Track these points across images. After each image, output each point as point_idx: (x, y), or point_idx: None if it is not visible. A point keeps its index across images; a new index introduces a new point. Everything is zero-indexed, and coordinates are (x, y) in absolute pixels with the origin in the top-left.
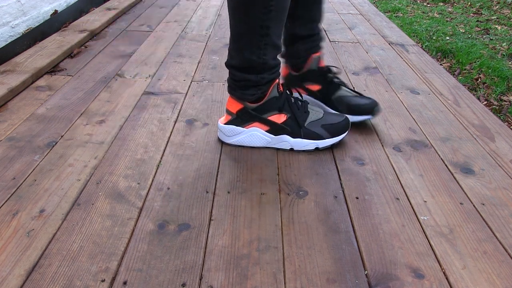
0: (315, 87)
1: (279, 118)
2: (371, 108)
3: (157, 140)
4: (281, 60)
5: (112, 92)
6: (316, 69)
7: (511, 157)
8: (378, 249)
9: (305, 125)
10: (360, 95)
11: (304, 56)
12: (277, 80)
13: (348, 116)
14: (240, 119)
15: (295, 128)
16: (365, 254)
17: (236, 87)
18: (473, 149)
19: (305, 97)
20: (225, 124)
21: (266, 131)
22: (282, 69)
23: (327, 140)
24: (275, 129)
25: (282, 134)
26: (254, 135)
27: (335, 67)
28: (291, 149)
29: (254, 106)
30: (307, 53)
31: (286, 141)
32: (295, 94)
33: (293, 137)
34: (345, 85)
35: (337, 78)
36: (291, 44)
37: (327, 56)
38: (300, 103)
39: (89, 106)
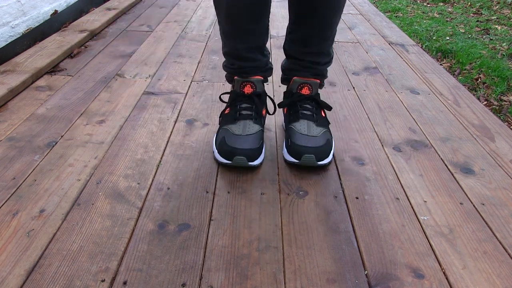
0: (286, 110)
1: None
2: (300, 153)
3: (157, 140)
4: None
5: (112, 92)
6: (294, 92)
7: (511, 157)
8: (378, 249)
9: (287, 128)
10: (316, 137)
11: (287, 75)
12: (238, 78)
13: (285, 151)
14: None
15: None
16: (365, 254)
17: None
18: (473, 149)
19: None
20: None
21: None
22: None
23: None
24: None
25: None
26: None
27: (327, 104)
28: None
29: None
30: (291, 73)
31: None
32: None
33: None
34: (316, 121)
35: (315, 111)
36: (284, 60)
37: None
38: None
39: (89, 106)
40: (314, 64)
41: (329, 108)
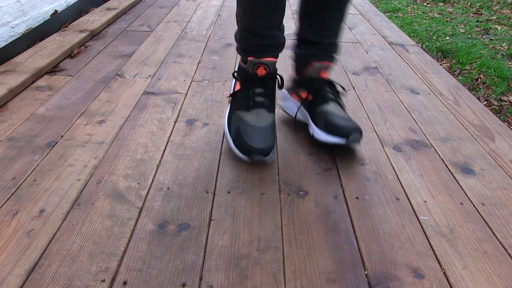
0: (305, 95)
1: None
2: (347, 132)
3: (157, 140)
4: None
5: (112, 92)
6: (314, 77)
7: (511, 157)
8: (378, 249)
9: (317, 110)
10: (350, 119)
11: (304, 62)
12: (253, 59)
13: (323, 133)
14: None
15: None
16: (365, 254)
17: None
18: (473, 149)
19: (296, 103)
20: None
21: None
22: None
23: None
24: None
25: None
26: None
27: (343, 87)
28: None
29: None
30: (308, 59)
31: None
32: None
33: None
34: (340, 105)
35: (336, 95)
36: (298, 46)
37: None
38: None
39: (89, 106)
40: (331, 46)
41: (345, 90)
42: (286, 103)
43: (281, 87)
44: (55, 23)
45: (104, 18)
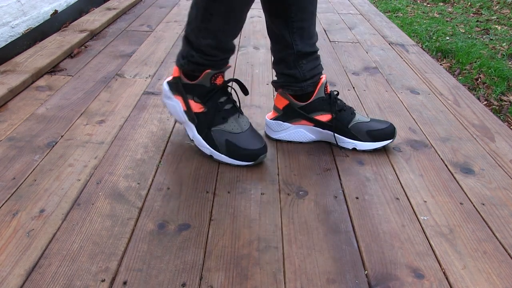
0: (325, 117)
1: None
2: (392, 131)
3: (157, 140)
4: (279, 91)
5: (112, 92)
6: (325, 96)
7: (511, 157)
8: (378, 249)
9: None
10: (376, 119)
11: (310, 78)
12: (211, 71)
13: (369, 143)
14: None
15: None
16: (365, 254)
17: (180, 50)
18: (473, 149)
19: (312, 129)
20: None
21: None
22: (277, 101)
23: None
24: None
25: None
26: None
27: (336, 91)
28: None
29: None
30: (313, 74)
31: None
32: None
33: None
34: (353, 109)
35: (343, 102)
36: (293, 65)
37: (327, 56)
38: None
39: (89, 106)
40: (317, 52)
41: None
42: (290, 132)
43: (245, 92)
44: (55, 23)
45: (104, 18)
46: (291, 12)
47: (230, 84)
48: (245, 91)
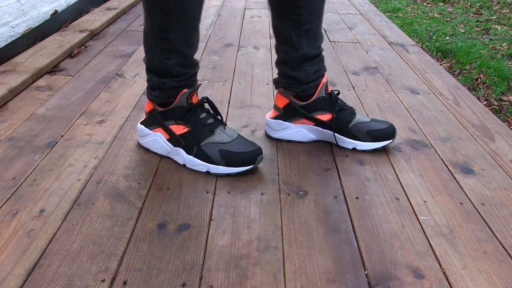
0: (325, 117)
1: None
2: (392, 131)
3: None
4: (280, 90)
5: (112, 92)
6: (326, 95)
7: (511, 157)
8: (378, 249)
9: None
10: (377, 119)
11: (313, 81)
12: (187, 90)
13: (369, 143)
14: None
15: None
16: (365, 254)
17: (147, 84)
18: (473, 149)
19: (313, 128)
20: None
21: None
22: (277, 100)
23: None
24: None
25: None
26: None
27: (337, 90)
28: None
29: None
30: (316, 76)
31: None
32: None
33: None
34: (353, 109)
35: (343, 102)
36: (297, 67)
37: (327, 56)
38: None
39: (89, 106)
40: (322, 52)
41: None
42: (291, 131)
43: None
44: (55, 23)
45: (104, 18)
46: (300, 14)
47: (204, 101)
48: (216, 112)
